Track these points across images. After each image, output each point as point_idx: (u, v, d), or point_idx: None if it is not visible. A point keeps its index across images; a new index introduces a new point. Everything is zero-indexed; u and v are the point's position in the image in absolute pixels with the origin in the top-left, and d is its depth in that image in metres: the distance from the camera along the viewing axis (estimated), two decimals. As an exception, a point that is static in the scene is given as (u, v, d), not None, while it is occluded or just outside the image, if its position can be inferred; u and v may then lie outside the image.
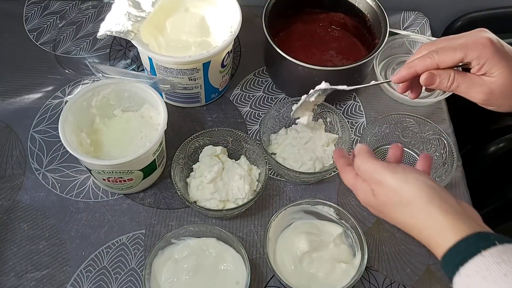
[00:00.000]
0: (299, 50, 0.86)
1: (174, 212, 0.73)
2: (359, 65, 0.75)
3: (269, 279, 0.68)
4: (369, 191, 0.52)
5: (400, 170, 0.50)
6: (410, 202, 0.48)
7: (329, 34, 0.90)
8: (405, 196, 0.48)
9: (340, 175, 0.57)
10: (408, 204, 0.48)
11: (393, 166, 0.51)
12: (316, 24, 0.90)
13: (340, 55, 0.86)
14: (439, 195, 0.48)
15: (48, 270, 0.67)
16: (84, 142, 0.70)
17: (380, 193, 0.51)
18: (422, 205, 0.47)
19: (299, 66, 0.74)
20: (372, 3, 0.82)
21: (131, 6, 0.73)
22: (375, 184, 0.51)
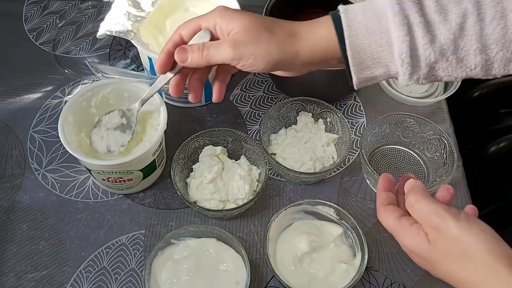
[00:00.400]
0: None
1: (174, 213, 0.73)
2: None
3: (269, 280, 0.68)
4: (423, 236, 0.46)
5: (463, 217, 0.45)
6: (476, 256, 0.42)
7: None
8: (471, 248, 0.43)
9: (378, 212, 0.51)
10: (472, 258, 0.43)
11: (454, 211, 0.45)
12: None
13: None
14: (507, 252, 0.43)
15: (48, 271, 0.67)
16: (83, 142, 0.70)
17: (438, 240, 0.45)
18: (490, 261, 0.42)
19: None
20: None
21: (131, 6, 0.73)
22: (432, 229, 0.45)
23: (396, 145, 0.81)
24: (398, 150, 0.81)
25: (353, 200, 0.76)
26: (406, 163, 0.80)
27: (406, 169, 0.79)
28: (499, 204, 0.94)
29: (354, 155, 0.80)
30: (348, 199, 0.76)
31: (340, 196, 0.76)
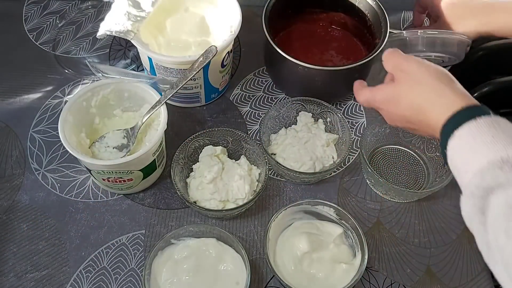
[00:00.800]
0: (299, 50, 0.85)
1: (174, 213, 0.73)
2: (359, 65, 0.75)
3: (269, 280, 0.68)
4: (390, 81, 0.58)
5: (426, 62, 0.56)
6: (422, 81, 0.53)
7: (329, 34, 0.90)
8: (420, 76, 0.54)
9: (355, 94, 0.63)
10: (420, 83, 0.54)
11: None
12: (316, 24, 0.90)
13: (340, 55, 0.86)
14: (450, 77, 0.54)
15: (48, 271, 0.67)
16: (83, 142, 0.70)
17: (401, 77, 0.56)
18: (433, 83, 0.53)
19: (299, 66, 0.74)
20: (372, 3, 0.82)
21: (131, 6, 0.73)
22: (399, 71, 0.56)
23: (396, 145, 0.81)
24: (398, 150, 0.81)
25: (353, 200, 0.76)
26: (406, 163, 0.80)
27: (406, 169, 0.79)
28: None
29: (354, 155, 0.80)
30: (348, 199, 0.76)
31: (340, 196, 0.76)
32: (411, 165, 0.79)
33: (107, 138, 0.71)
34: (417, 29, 0.79)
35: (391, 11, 1.00)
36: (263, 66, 0.91)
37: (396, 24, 0.98)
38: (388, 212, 0.75)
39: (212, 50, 0.70)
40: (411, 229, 0.73)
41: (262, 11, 0.80)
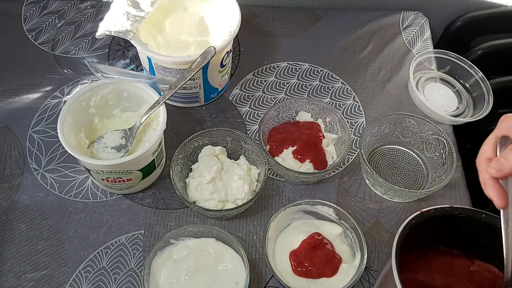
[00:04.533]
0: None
1: (173, 213, 0.73)
2: None
3: (269, 280, 0.68)
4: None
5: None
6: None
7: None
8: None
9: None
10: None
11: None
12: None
13: None
14: None
15: (47, 271, 0.67)
16: (82, 142, 0.70)
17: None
18: None
19: None
20: None
21: (130, 6, 0.73)
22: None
23: (395, 145, 0.81)
24: (397, 150, 0.81)
25: (353, 200, 0.76)
26: (406, 163, 0.80)
27: (405, 169, 0.79)
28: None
29: (353, 155, 0.80)
30: (348, 199, 0.76)
31: (340, 196, 0.76)
32: (410, 165, 0.79)
33: (105, 139, 0.71)
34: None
35: (390, 11, 1.01)
36: (262, 66, 0.91)
37: (395, 24, 0.99)
38: (387, 212, 0.75)
39: (211, 51, 0.70)
40: (410, 229, 0.73)
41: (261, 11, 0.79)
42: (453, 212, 0.53)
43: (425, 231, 0.53)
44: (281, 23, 0.98)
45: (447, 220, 0.53)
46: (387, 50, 0.95)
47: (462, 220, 0.53)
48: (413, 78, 0.87)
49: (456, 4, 1.01)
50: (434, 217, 0.53)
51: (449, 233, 0.55)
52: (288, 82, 0.89)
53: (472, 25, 1.01)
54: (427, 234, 0.53)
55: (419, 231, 0.52)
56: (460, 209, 0.53)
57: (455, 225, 0.54)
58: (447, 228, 0.54)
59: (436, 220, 0.53)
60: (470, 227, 0.54)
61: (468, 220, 0.53)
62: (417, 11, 1.01)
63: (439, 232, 0.55)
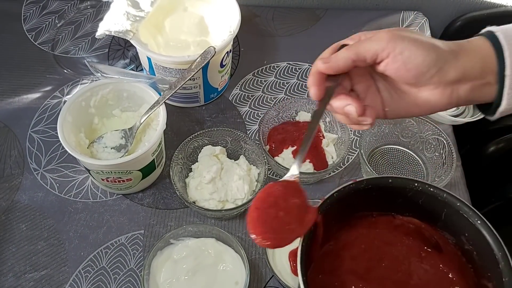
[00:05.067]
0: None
1: (173, 213, 0.73)
2: None
3: (268, 280, 0.68)
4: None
5: None
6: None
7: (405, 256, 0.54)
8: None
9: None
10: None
11: None
12: (380, 235, 0.56)
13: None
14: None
15: (47, 271, 0.67)
16: (82, 142, 0.70)
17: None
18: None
19: None
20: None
21: (130, 6, 0.73)
22: None
23: (395, 145, 0.81)
24: (397, 150, 0.81)
25: (352, 200, 0.75)
26: (405, 163, 0.80)
27: (405, 169, 0.79)
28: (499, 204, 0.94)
29: (353, 155, 0.80)
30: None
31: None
32: (410, 165, 0.79)
33: (105, 139, 0.71)
34: None
35: (390, 11, 1.01)
36: (262, 66, 0.91)
37: (395, 24, 0.98)
38: (387, 212, 0.74)
39: (211, 51, 0.70)
40: (410, 229, 0.73)
41: (261, 11, 0.79)
42: (358, 187, 0.52)
43: (336, 211, 0.52)
44: (281, 23, 0.98)
45: (356, 195, 0.52)
46: (387, 50, 0.95)
47: (370, 190, 0.52)
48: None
49: (456, 4, 1.01)
50: (340, 199, 0.51)
51: (364, 201, 0.54)
52: (288, 82, 0.89)
53: (472, 25, 1.01)
54: (339, 211, 0.53)
55: (329, 214, 0.51)
56: (364, 182, 0.52)
57: (366, 196, 0.53)
58: (361, 200, 0.54)
59: (344, 199, 0.52)
60: (380, 194, 0.53)
61: (375, 188, 0.52)
62: (417, 11, 1.01)
63: (352, 205, 0.54)
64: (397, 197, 0.53)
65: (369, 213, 0.56)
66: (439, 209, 0.51)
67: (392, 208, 0.55)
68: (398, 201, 0.54)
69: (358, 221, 0.56)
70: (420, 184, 0.51)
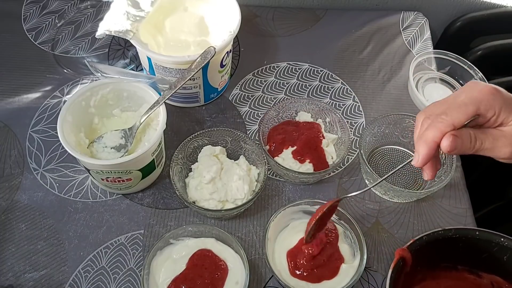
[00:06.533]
0: None
1: (173, 212, 0.73)
2: None
3: (268, 280, 0.68)
4: None
5: None
6: None
7: None
8: None
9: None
10: None
11: None
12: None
13: None
14: None
15: (47, 270, 0.67)
16: (82, 142, 0.70)
17: None
18: None
19: None
20: None
21: (130, 6, 0.73)
22: None
23: (395, 145, 0.81)
24: (397, 150, 0.81)
25: (352, 200, 0.75)
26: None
27: (405, 169, 0.79)
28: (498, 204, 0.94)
29: (353, 155, 0.80)
30: (347, 199, 0.76)
31: (339, 196, 0.76)
32: (410, 166, 0.79)
33: (105, 138, 0.71)
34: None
35: (390, 11, 1.01)
36: (262, 66, 0.91)
37: (395, 24, 0.99)
38: (387, 212, 0.75)
39: (211, 51, 0.70)
40: (410, 229, 0.73)
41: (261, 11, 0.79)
42: (446, 234, 0.55)
43: (424, 255, 0.54)
44: (281, 23, 0.98)
45: (443, 243, 0.55)
46: (387, 51, 0.95)
47: (457, 240, 0.55)
48: (413, 78, 0.87)
49: (456, 4, 1.01)
50: (427, 243, 0.54)
51: (449, 252, 0.56)
52: (288, 82, 0.89)
53: (472, 25, 1.01)
54: (427, 256, 0.55)
55: (417, 256, 0.54)
56: (452, 230, 0.55)
57: (452, 245, 0.55)
58: (445, 249, 0.56)
59: (431, 244, 0.54)
60: (466, 245, 0.55)
61: (462, 239, 0.54)
62: (417, 11, 1.01)
63: (439, 253, 0.56)
64: (482, 252, 0.55)
65: (453, 266, 0.57)
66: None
67: (476, 264, 0.57)
68: (483, 256, 0.56)
69: (443, 273, 0.58)
70: (506, 240, 0.53)
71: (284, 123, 0.79)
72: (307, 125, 0.77)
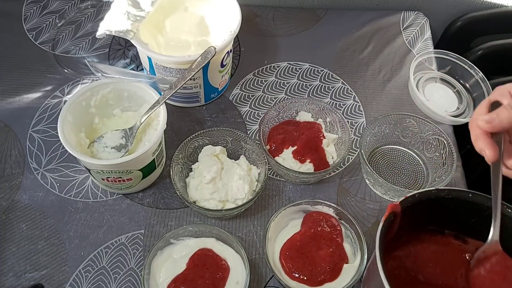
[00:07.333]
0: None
1: (173, 212, 0.73)
2: None
3: (269, 280, 0.68)
4: None
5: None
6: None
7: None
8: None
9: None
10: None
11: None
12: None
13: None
14: None
15: (47, 270, 0.67)
16: (83, 142, 0.70)
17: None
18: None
19: None
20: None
21: (131, 6, 0.73)
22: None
23: (395, 145, 0.81)
24: (397, 150, 0.81)
25: (353, 200, 0.76)
26: (406, 163, 0.80)
27: (405, 169, 0.79)
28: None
29: (353, 155, 0.80)
30: (348, 199, 0.76)
31: (340, 196, 0.76)
32: (411, 165, 0.79)
33: (105, 138, 0.71)
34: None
35: (391, 11, 1.01)
36: (262, 66, 0.91)
37: (396, 24, 0.99)
38: (388, 212, 0.74)
39: (211, 50, 0.70)
40: (411, 229, 0.73)
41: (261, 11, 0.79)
42: (439, 194, 0.54)
43: (413, 215, 0.54)
44: (281, 23, 0.98)
45: (434, 203, 0.54)
46: (387, 50, 0.95)
47: (449, 201, 0.54)
48: (414, 78, 0.87)
49: (456, 4, 1.01)
50: (420, 201, 0.54)
51: (438, 214, 0.56)
52: (288, 82, 0.89)
53: (472, 25, 1.01)
54: (416, 217, 0.55)
55: (406, 216, 0.53)
56: (446, 191, 0.54)
57: (443, 207, 0.55)
58: (435, 210, 0.55)
59: (423, 203, 0.54)
60: (457, 207, 0.55)
61: (455, 200, 0.54)
62: (417, 11, 1.01)
63: (428, 214, 0.56)
64: (472, 216, 0.55)
65: (440, 230, 0.58)
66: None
67: (464, 229, 0.57)
68: (472, 220, 0.55)
69: (428, 237, 0.58)
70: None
71: (284, 123, 0.79)
72: (307, 125, 0.77)
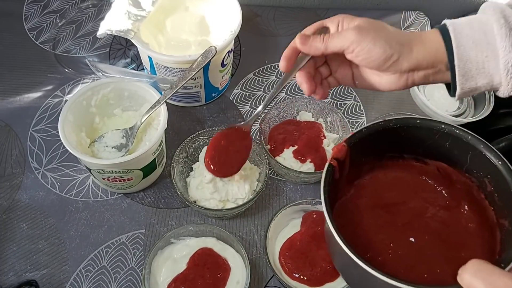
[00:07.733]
0: (379, 240, 0.54)
1: (174, 212, 0.73)
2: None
3: (269, 279, 0.68)
4: None
5: None
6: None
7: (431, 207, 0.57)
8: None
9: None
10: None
11: None
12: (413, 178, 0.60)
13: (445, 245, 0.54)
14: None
15: (48, 270, 0.67)
16: (83, 142, 0.70)
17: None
18: None
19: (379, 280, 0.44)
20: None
21: (131, 5, 0.73)
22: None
23: (396, 144, 0.81)
24: (398, 149, 0.81)
25: (353, 199, 0.75)
26: (406, 163, 0.79)
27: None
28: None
29: (354, 155, 0.80)
30: (348, 198, 0.76)
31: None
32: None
33: (106, 138, 0.71)
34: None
35: (391, 11, 1.01)
36: (263, 66, 0.91)
37: (396, 24, 0.98)
38: (388, 212, 0.74)
39: (212, 50, 0.70)
40: (411, 229, 0.73)
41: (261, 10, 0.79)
42: (387, 125, 0.56)
43: (367, 147, 0.56)
44: (282, 22, 0.98)
45: (387, 133, 0.56)
46: (388, 50, 0.95)
47: (399, 130, 0.56)
48: (414, 78, 0.87)
49: (457, 4, 1.01)
50: (368, 135, 0.55)
51: (393, 142, 0.58)
52: (288, 81, 0.89)
53: (473, 25, 1.01)
54: (371, 148, 0.57)
55: (359, 148, 0.55)
56: (393, 121, 0.56)
57: (395, 135, 0.56)
58: (389, 139, 0.57)
59: (373, 136, 0.56)
60: (409, 134, 0.56)
61: (404, 128, 0.56)
62: (418, 11, 1.01)
63: (383, 143, 0.58)
64: (426, 139, 0.57)
65: (399, 155, 0.60)
66: (465, 152, 0.54)
67: (421, 152, 0.58)
68: (426, 143, 0.57)
69: (390, 163, 0.60)
70: (446, 126, 0.55)
71: (285, 123, 0.79)
72: (308, 125, 0.77)
